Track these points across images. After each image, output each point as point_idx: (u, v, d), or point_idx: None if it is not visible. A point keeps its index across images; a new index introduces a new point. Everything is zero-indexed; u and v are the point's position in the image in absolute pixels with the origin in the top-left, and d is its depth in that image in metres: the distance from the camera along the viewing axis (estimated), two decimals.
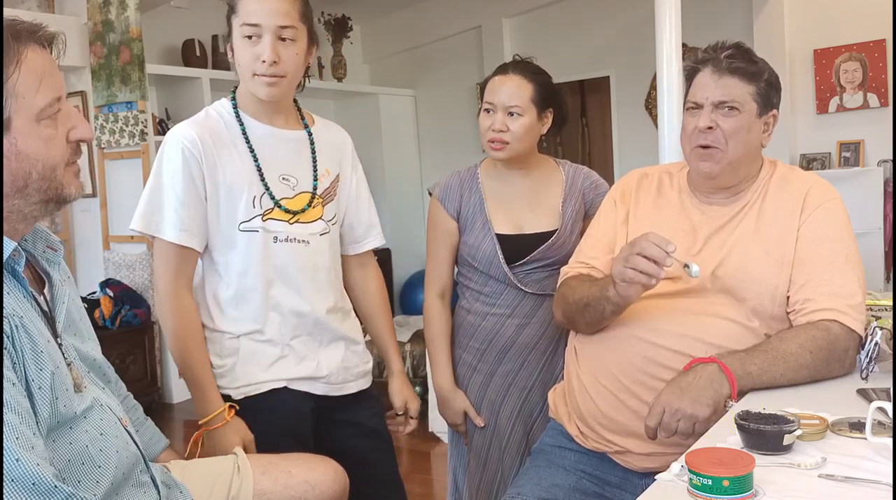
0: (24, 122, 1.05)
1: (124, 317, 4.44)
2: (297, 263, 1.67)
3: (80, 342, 1.22)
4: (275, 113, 1.69)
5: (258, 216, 1.62)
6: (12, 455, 0.94)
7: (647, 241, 1.41)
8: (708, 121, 1.54)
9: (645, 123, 5.26)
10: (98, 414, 1.14)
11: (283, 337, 1.66)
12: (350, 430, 1.78)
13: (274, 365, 1.66)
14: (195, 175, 1.59)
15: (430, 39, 6.19)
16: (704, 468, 1.01)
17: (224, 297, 1.65)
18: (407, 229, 6.21)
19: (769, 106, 1.58)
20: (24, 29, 1.06)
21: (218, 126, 1.64)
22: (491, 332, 2.01)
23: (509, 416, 2.02)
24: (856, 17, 4.50)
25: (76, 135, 1.12)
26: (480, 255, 1.99)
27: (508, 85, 1.94)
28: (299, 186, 1.69)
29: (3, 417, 0.95)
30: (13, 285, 1.08)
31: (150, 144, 4.59)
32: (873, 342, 1.42)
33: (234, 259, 1.63)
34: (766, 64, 1.58)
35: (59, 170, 1.10)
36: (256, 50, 1.57)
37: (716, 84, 1.54)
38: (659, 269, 1.40)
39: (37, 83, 1.05)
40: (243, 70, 1.60)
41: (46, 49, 1.10)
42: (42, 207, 1.11)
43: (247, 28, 1.56)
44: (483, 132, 1.96)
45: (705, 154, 1.57)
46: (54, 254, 1.22)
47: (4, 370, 0.98)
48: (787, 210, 1.57)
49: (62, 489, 0.97)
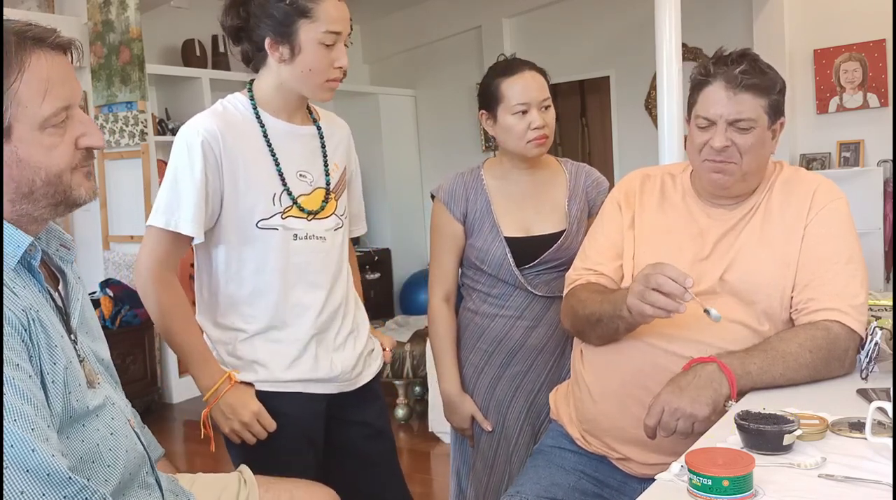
0: (27, 130, 1.04)
1: (124, 317, 4.45)
2: (316, 259, 1.67)
3: (92, 341, 1.22)
4: (296, 110, 1.69)
5: (278, 214, 1.62)
6: (28, 446, 0.94)
7: (663, 276, 1.36)
8: (724, 140, 1.50)
9: (645, 123, 5.27)
10: (110, 413, 1.14)
11: (300, 335, 1.65)
12: (357, 430, 1.77)
13: (292, 366, 1.64)
14: (214, 169, 1.57)
15: (430, 39, 6.20)
16: (704, 468, 1.01)
17: (239, 295, 1.63)
18: (407, 229, 6.22)
19: (778, 114, 1.55)
20: (32, 35, 1.05)
21: (237, 121, 1.63)
22: (499, 334, 2.00)
23: (517, 418, 2.01)
24: (856, 17, 4.50)
25: (86, 142, 1.11)
26: (490, 258, 1.98)
27: (532, 80, 1.93)
28: (315, 182, 1.69)
29: (14, 408, 0.95)
30: (29, 280, 1.09)
31: (150, 144, 4.60)
32: (873, 342, 1.42)
33: (249, 256, 1.62)
34: (775, 72, 1.54)
35: (65, 175, 1.09)
36: (332, 56, 1.59)
37: (729, 100, 1.50)
38: (677, 305, 1.35)
39: (42, 91, 1.04)
40: (315, 75, 1.59)
41: (61, 55, 1.08)
42: (52, 211, 1.11)
43: (330, 35, 1.57)
44: (520, 133, 1.92)
45: (718, 167, 1.54)
46: (67, 253, 1.22)
47: (21, 362, 0.99)
48: (794, 211, 1.56)
49: (77, 481, 0.97)
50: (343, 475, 1.74)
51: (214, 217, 1.60)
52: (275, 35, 1.57)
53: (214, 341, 1.66)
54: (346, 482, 1.72)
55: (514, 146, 1.95)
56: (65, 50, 1.09)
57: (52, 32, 1.07)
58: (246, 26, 1.61)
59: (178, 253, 1.62)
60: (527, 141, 1.92)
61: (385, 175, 6.14)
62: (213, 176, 1.57)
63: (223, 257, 1.63)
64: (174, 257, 1.61)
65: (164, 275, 1.59)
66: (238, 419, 1.58)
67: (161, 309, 1.60)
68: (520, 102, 1.91)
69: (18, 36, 1.03)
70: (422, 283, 5.45)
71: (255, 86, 1.67)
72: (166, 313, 1.60)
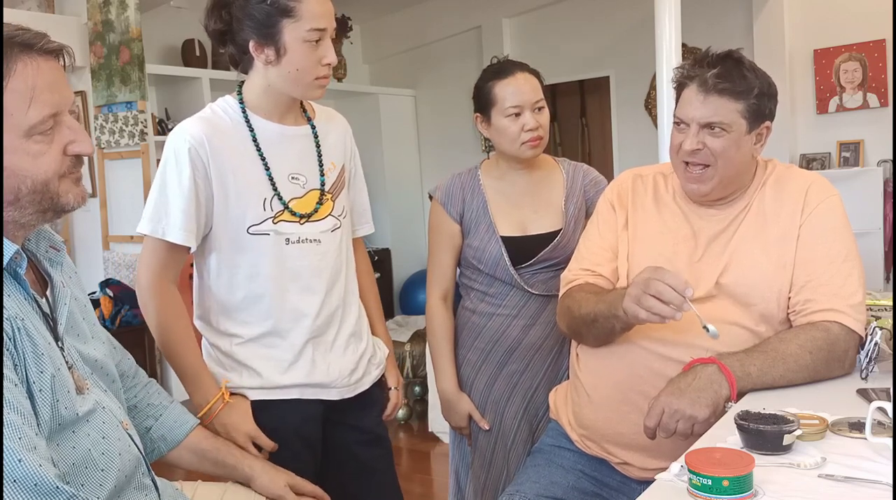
0: (12, 138, 1.02)
1: (124, 317, 4.44)
2: (311, 263, 1.63)
3: (82, 344, 1.21)
4: (287, 111, 1.65)
5: (269, 219, 1.59)
6: (14, 456, 0.93)
7: (662, 284, 1.34)
8: (694, 143, 1.50)
9: (645, 123, 5.26)
10: (101, 417, 1.14)
11: (296, 340, 1.63)
12: (354, 436, 1.75)
13: (288, 370, 1.62)
14: (202, 175, 1.55)
15: (430, 39, 6.19)
16: (704, 468, 1.01)
17: (232, 300, 1.61)
18: (407, 229, 6.21)
19: (760, 119, 1.52)
20: (20, 41, 1.03)
21: (225, 126, 1.60)
22: (496, 333, 2.01)
23: (514, 416, 2.01)
24: (856, 17, 4.50)
25: (74, 149, 1.09)
26: (486, 257, 1.98)
27: (525, 83, 1.93)
28: (308, 184, 1.65)
29: (3, 418, 0.95)
30: (15, 288, 1.07)
31: (149, 144, 4.59)
32: (873, 342, 1.42)
33: (243, 262, 1.59)
34: (755, 76, 1.51)
35: (52, 183, 1.07)
36: (319, 53, 1.54)
37: (701, 104, 1.49)
38: (673, 312, 1.34)
39: (27, 98, 1.02)
40: (303, 74, 1.55)
41: (52, 60, 1.06)
42: (40, 217, 1.09)
43: (314, 33, 1.52)
44: (514, 136, 1.92)
45: (694, 177, 1.53)
46: (57, 254, 1.21)
47: (7, 371, 0.98)
48: (787, 210, 1.55)
49: (64, 490, 0.97)
50: (339, 481, 1.73)
51: (209, 225, 1.58)
52: (258, 37, 1.53)
53: (211, 344, 1.65)
54: (342, 487, 1.71)
55: (508, 148, 1.96)
56: (57, 55, 1.07)
57: (41, 37, 1.05)
58: (229, 29, 1.57)
59: (175, 263, 1.59)
60: (521, 143, 1.93)
61: (385, 175, 6.13)
62: (202, 183, 1.55)
63: (215, 263, 1.61)
64: (172, 267, 1.59)
65: (163, 287, 1.57)
66: (232, 441, 1.55)
67: (158, 324, 1.58)
68: (512, 104, 1.91)
69: (5, 42, 1.01)
70: (422, 283, 5.43)
71: (244, 88, 1.64)
72: (164, 328, 1.58)
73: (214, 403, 1.57)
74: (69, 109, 1.10)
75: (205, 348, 1.66)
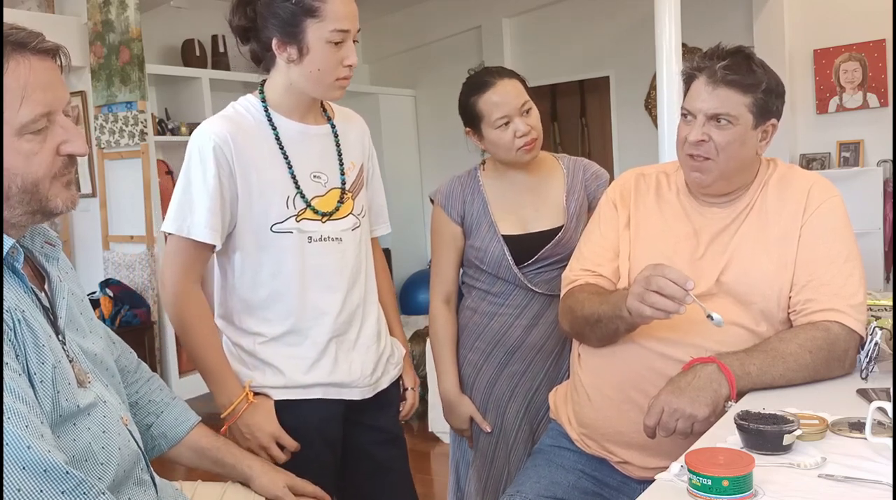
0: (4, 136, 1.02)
1: (124, 317, 4.44)
2: (332, 261, 1.63)
3: (81, 338, 1.21)
4: (308, 110, 1.65)
5: (292, 217, 1.59)
6: (23, 443, 0.94)
7: (663, 278, 1.35)
8: (700, 134, 1.51)
9: (645, 123, 5.27)
10: (101, 411, 1.14)
11: (318, 338, 1.62)
12: (371, 435, 1.74)
13: (311, 369, 1.62)
14: (227, 174, 1.55)
15: (430, 39, 6.19)
16: (704, 468, 1.01)
17: (255, 299, 1.61)
18: (407, 230, 6.21)
19: (767, 115, 1.53)
20: (14, 40, 1.02)
21: (248, 124, 1.60)
22: (498, 333, 2.01)
23: (515, 416, 2.01)
24: (856, 17, 4.50)
25: (68, 149, 1.08)
26: (489, 258, 1.98)
27: (510, 89, 1.92)
28: (329, 183, 1.65)
29: (7, 406, 0.95)
30: (13, 281, 1.08)
31: (149, 144, 4.59)
32: (873, 342, 1.42)
33: (266, 261, 1.59)
34: (764, 72, 1.52)
35: (42, 184, 1.06)
36: (341, 54, 1.55)
37: (709, 95, 1.50)
38: (677, 306, 1.35)
39: (19, 97, 1.01)
40: (324, 74, 1.55)
41: (47, 60, 1.05)
42: (29, 218, 1.09)
43: (337, 34, 1.53)
44: (507, 144, 1.92)
45: (696, 166, 1.54)
46: (52, 249, 1.21)
47: (10, 361, 0.99)
48: (789, 210, 1.55)
49: (74, 475, 0.97)
50: (354, 480, 1.73)
51: (233, 223, 1.58)
52: (282, 35, 1.53)
53: (234, 343, 1.64)
54: (357, 486, 1.72)
55: (505, 157, 1.96)
56: (52, 55, 1.06)
57: (35, 37, 1.04)
58: (253, 26, 1.57)
59: (200, 262, 1.59)
60: (516, 149, 1.93)
61: (385, 175, 6.05)
62: (227, 181, 1.55)
63: (239, 261, 1.61)
64: (197, 267, 1.59)
65: (187, 287, 1.57)
66: (255, 441, 1.56)
67: (182, 324, 1.59)
68: (499, 116, 1.91)
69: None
70: (422, 283, 5.45)
71: (266, 86, 1.64)
72: (188, 328, 1.59)
73: (238, 403, 1.57)
74: (64, 110, 1.09)
75: (226, 346, 1.66)
